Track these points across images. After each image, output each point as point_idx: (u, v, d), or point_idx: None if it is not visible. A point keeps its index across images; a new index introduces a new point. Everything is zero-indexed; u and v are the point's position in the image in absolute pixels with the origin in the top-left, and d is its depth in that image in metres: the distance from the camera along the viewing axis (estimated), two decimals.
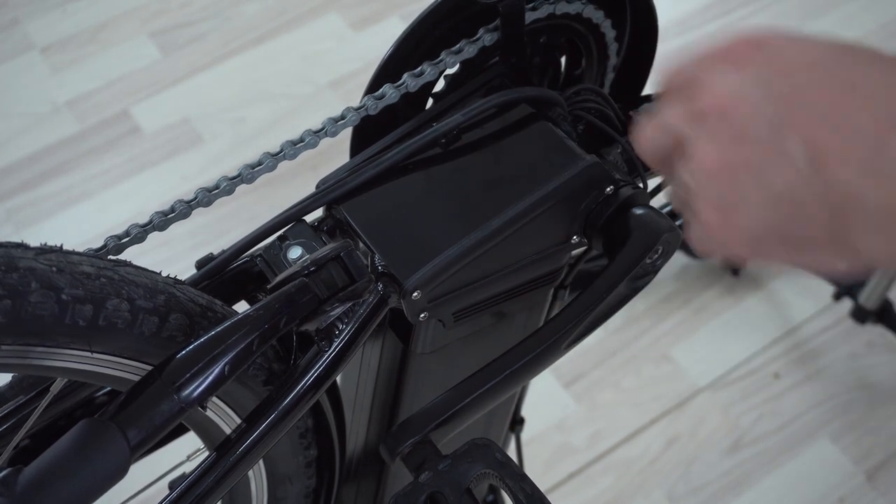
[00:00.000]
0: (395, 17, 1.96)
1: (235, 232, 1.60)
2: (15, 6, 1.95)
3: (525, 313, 0.73)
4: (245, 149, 1.77)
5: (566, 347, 0.69)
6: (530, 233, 0.58)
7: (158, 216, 0.63)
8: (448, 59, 0.69)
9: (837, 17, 1.98)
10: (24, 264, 0.51)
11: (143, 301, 0.55)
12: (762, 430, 1.49)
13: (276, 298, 0.57)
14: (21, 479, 0.51)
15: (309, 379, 0.60)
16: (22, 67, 1.88)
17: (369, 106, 0.68)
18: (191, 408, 0.54)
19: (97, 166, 1.75)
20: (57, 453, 0.52)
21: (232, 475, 0.59)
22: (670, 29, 1.95)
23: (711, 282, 1.64)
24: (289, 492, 0.74)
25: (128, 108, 1.82)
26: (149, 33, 1.93)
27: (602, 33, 0.75)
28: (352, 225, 0.64)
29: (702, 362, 1.56)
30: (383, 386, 0.75)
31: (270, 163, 0.66)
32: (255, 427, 0.59)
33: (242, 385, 0.63)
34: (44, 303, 0.51)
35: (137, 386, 0.54)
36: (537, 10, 0.70)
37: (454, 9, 0.69)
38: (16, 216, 1.68)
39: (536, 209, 0.62)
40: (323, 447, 0.73)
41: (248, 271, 0.66)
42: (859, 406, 1.52)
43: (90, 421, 0.52)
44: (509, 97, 0.69)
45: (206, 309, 0.60)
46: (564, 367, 1.52)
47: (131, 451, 0.52)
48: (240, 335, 0.55)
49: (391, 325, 0.69)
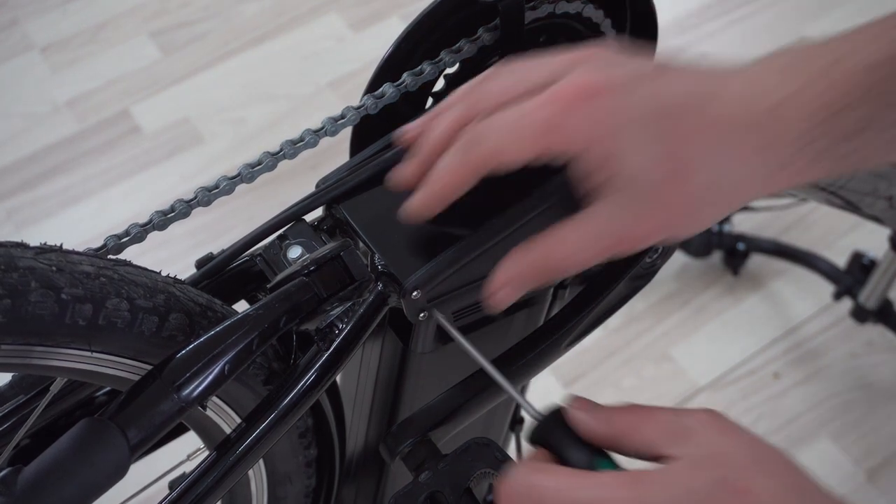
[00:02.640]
0: (395, 17, 1.96)
1: (235, 231, 1.60)
2: (15, 6, 1.95)
3: (525, 312, 0.73)
4: (245, 149, 1.77)
5: (566, 347, 0.69)
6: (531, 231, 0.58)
7: (158, 215, 0.63)
8: (448, 59, 0.69)
9: (837, 17, 1.98)
10: (23, 264, 0.51)
11: (142, 300, 0.55)
12: (762, 430, 1.49)
13: (275, 298, 0.57)
14: (21, 478, 0.51)
15: (309, 378, 0.60)
16: (22, 67, 1.88)
17: (369, 105, 0.68)
18: (191, 407, 0.54)
19: (97, 166, 1.75)
20: (56, 453, 0.52)
21: (232, 475, 0.59)
22: (670, 29, 1.95)
23: (711, 282, 1.64)
24: (289, 491, 0.74)
25: (128, 108, 1.82)
26: (149, 33, 1.93)
27: (602, 33, 0.75)
28: (351, 224, 0.64)
29: (702, 362, 1.56)
30: (383, 385, 0.75)
31: (270, 162, 0.66)
32: (255, 426, 0.59)
33: (242, 384, 0.64)
34: (43, 302, 0.51)
35: (137, 385, 0.54)
36: (537, 9, 0.70)
37: (454, 8, 0.69)
38: (16, 216, 1.69)
39: (537, 207, 0.62)
40: (323, 446, 0.73)
41: (247, 271, 0.66)
42: (859, 406, 1.52)
43: (90, 420, 0.52)
44: None
45: (206, 308, 0.60)
46: (564, 367, 1.52)
47: (131, 450, 0.52)
48: (239, 335, 0.55)
49: (391, 325, 0.69)
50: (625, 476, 0.47)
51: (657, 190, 0.53)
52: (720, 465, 0.46)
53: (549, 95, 0.53)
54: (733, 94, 0.53)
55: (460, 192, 0.56)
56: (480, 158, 0.54)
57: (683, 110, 0.53)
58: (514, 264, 0.56)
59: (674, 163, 0.53)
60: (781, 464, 0.47)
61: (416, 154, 0.59)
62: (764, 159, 0.53)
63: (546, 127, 0.52)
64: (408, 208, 0.57)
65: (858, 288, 1.50)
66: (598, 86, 0.52)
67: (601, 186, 0.54)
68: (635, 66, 0.55)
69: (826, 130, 0.52)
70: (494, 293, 0.56)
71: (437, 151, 0.57)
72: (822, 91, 0.52)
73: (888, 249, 1.40)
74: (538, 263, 0.56)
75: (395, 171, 0.60)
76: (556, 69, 0.55)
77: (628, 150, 0.52)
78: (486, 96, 0.56)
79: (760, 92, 0.53)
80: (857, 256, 1.51)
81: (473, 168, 0.55)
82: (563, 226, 0.55)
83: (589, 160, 0.53)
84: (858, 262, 1.51)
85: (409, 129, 0.61)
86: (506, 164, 0.54)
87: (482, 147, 0.54)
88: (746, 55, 0.56)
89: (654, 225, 0.54)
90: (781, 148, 0.52)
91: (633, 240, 0.55)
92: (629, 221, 0.54)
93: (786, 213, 1.66)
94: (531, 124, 0.53)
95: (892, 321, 1.49)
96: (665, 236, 0.55)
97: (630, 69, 0.54)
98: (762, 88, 0.53)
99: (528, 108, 0.53)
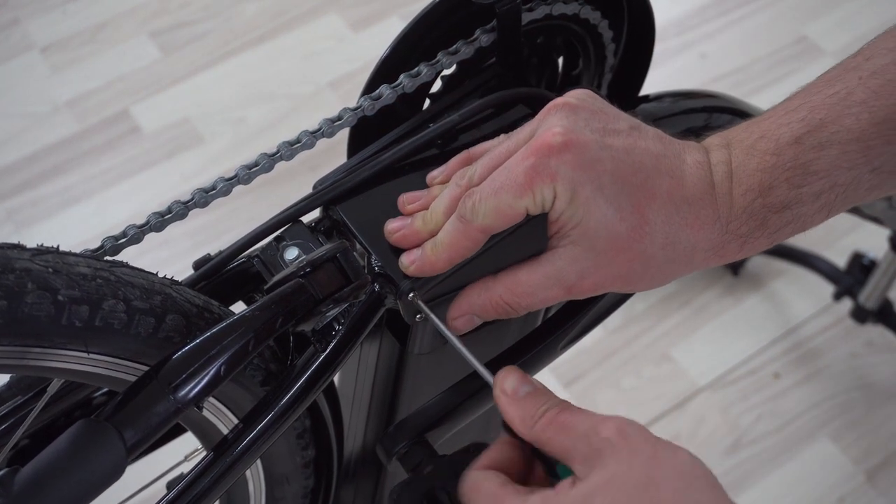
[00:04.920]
0: (395, 16, 1.96)
1: (233, 232, 1.60)
2: (15, 6, 1.95)
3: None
4: (245, 149, 1.77)
5: (563, 347, 0.69)
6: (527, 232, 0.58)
7: (155, 217, 0.63)
8: (445, 60, 0.69)
9: (837, 17, 1.98)
10: (20, 265, 0.51)
11: (139, 302, 0.55)
12: (762, 430, 1.49)
13: (272, 299, 0.58)
14: (18, 479, 0.51)
15: (305, 379, 0.60)
16: (22, 67, 1.88)
17: (366, 107, 0.68)
18: (187, 408, 0.54)
19: (97, 166, 1.75)
20: (53, 454, 0.52)
21: (229, 475, 0.59)
22: (668, 29, 1.95)
23: (711, 282, 1.64)
24: (287, 492, 0.74)
25: (128, 108, 1.82)
26: (149, 33, 1.93)
27: (599, 34, 0.75)
28: (348, 226, 0.64)
29: (702, 362, 1.56)
30: (381, 386, 0.75)
31: (267, 164, 0.67)
32: (252, 427, 0.59)
33: (239, 385, 0.64)
34: (40, 304, 0.51)
35: (134, 387, 0.54)
36: (534, 10, 0.70)
37: (451, 10, 0.69)
38: (16, 216, 1.69)
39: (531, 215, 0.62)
40: (321, 447, 0.73)
41: (245, 272, 0.66)
42: (859, 406, 1.52)
43: (87, 422, 0.52)
44: (506, 97, 0.69)
45: (203, 309, 0.60)
46: (564, 367, 1.52)
47: (128, 451, 0.52)
48: (236, 336, 0.55)
49: (388, 326, 0.69)
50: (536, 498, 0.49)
51: (618, 242, 0.56)
52: (614, 496, 0.47)
53: (528, 148, 0.56)
54: (692, 165, 0.57)
55: (466, 257, 0.59)
56: (479, 226, 0.57)
57: (651, 172, 0.56)
58: (471, 299, 0.60)
59: (637, 218, 0.56)
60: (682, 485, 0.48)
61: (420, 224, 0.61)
62: (715, 230, 0.57)
63: (531, 174, 0.55)
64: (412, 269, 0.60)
65: (858, 288, 1.50)
66: (573, 137, 0.56)
67: (566, 233, 0.57)
68: (610, 119, 0.58)
69: (761, 202, 0.57)
70: (453, 319, 0.61)
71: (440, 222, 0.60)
72: (755, 169, 0.56)
73: (888, 250, 1.40)
74: (493, 301, 0.59)
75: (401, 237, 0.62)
76: (533, 126, 0.58)
77: (599, 199, 0.55)
78: (474, 169, 0.59)
79: (709, 169, 0.57)
80: (857, 257, 1.51)
81: (474, 237, 0.58)
82: (521, 268, 0.58)
83: (561, 203, 0.56)
84: (858, 262, 1.51)
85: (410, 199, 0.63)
86: (504, 223, 0.57)
87: (477, 215, 0.57)
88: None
89: (609, 275, 0.57)
90: (727, 220, 0.57)
91: (585, 288, 0.58)
92: (585, 270, 0.57)
93: None
94: (516, 177, 0.56)
95: (892, 321, 1.49)
96: (619, 287, 0.59)
97: (604, 123, 0.58)
98: (714, 162, 0.58)
99: (511, 164, 0.57)
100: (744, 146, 0.58)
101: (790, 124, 0.56)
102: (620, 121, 0.58)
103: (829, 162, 0.55)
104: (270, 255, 0.64)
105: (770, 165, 0.56)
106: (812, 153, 0.55)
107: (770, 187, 0.56)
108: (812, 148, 0.55)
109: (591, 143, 0.56)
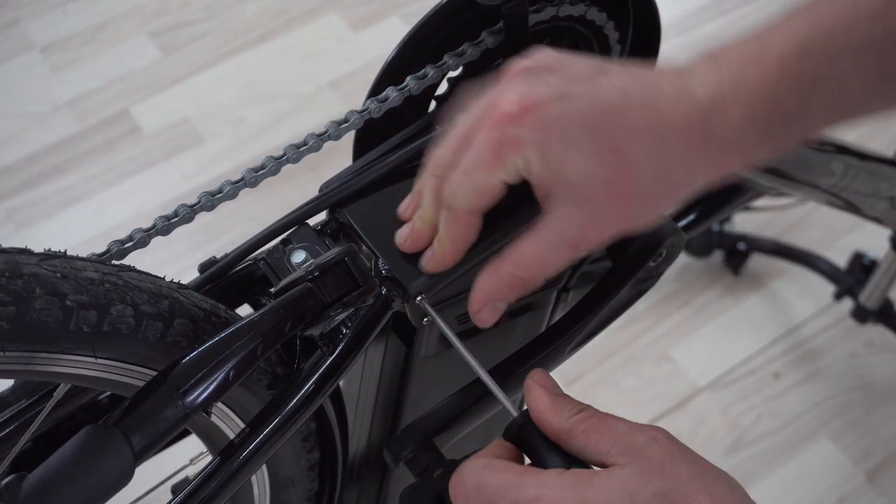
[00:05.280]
0: (395, 17, 1.96)
1: (234, 232, 1.60)
2: (15, 6, 1.95)
3: (528, 316, 0.73)
4: (245, 149, 1.76)
5: (570, 351, 0.69)
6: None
7: (162, 220, 0.63)
8: (451, 62, 0.69)
9: None
10: (28, 270, 0.51)
11: (147, 306, 0.55)
12: (762, 430, 1.49)
13: (280, 304, 0.57)
14: (25, 485, 0.51)
15: (312, 383, 0.60)
16: (22, 67, 1.87)
17: (372, 109, 0.68)
18: (195, 413, 0.53)
19: (97, 166, 1.74)
20: (61, 459, 0.52)
21: (235, 479, 0.59)
22: (671, 28, 1.94)
23: (711, 282, 1.64)
24: (291, 495, 0.74)
25: (128, 108, 1.82)
26: (149, 33, 1.93)
27: (605, 35, 0.75)
28: (355, 228, 0.64)
29: (702, 362, 1.56)
30: (386, 389, 0.75)
31: (273, 166, 0.66)
32: (258, 431, 0.59)
33: (246, 389, 0.63)
34: (48, 309, 0.50)
35: (142, 392, 0.53)
36: (540, 12, 0.70)
37: (457, 11, 0.69)
38: (16, 216, 1.68)
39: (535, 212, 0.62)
40: (326, 450, 0.73)
41: (251, 275, 0.66)
42: (859, 406, 1.52)
43: (94, 427, 0.52)
44: None
45: (210, 314, 0.60)
46: (564, 367, 1.51)
47: (135, 457, 0.52)
48: (244, 340, 0.55)
49: (394, 329, 0.69)
50: (569, 476, 0.48)
51: (607, 186, 0.54)
52: (666, 477, 0.47)
53: (489, 122, 0.55)
54: (670, 91, 0.54)
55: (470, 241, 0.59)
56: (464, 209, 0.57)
57: (622, 109, 0.54)
58: (484, 286, 0.58)
59: (618, 158, 0.53)
60: (726, 487, 0.48)
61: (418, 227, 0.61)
62: (708, 149, 0.54)
63: (497, 147, 0.54)
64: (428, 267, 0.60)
65: (859, 288, 1.50)
66: (530, 100, 0.54)
67: (552, 193, 0.55)
68: (569, 69, 0.56)
69: (765, 114, 0.53)
70: (476, 314, 0.59)
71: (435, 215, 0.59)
72: (756, 81, 0.53)
73: (889, 250, 1.40)
74: (505, 280, 0.58)
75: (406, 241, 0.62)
76: (490, 98, 0.56)
77: (573, 152, 0.53)
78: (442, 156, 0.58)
79: (697, 86, 0.54)
80: (857, 257, 1.51)
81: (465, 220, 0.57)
82: (523, 240, 0.57)
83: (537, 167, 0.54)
84: (859, 262, 1.51)
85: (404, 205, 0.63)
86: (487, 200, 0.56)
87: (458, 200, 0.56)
88: None
89: (609, 221, 0.56)
90: (723, 137, 0.54)
91: (590, 240, 0.56)
92: (583, 223, 0.55)
93: (786, 213, 1.66)
94: (484, 154, 0.55)
95: (893, 321, 1.49)
96: (623, 229, 0.57)
97: (564, 75, 0.55)
98: (699, 82, 0.54)
99: (476, 142, 0.55)
100: (742, 58, 0.54)
101: (794, 34, 0.54)
102: (581, 67, 0.56)
103: (839, 68, 0.53)
104: (277, 258, 0.64)
105: (774, 78, 0.53)
106: (821, 64, 0.53)
107: (774, 99, 0.53)
108: (820, 59, 0.53)
109: (549, 100, 0.54)
